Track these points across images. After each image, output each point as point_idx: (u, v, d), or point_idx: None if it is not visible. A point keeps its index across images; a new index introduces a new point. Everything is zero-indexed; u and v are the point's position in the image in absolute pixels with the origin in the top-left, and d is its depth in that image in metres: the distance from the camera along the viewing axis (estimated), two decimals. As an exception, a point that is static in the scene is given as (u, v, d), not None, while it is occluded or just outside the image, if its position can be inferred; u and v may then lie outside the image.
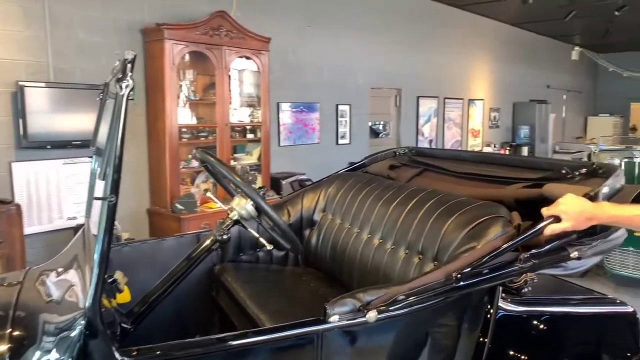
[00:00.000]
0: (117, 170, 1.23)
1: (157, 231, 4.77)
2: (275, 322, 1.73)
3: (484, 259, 1.55)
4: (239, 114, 5.27)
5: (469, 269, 1.53)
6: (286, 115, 6.04)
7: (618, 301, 2.25)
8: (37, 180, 4.06)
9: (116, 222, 4.28)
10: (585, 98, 14.42)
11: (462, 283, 1.51)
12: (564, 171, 1.96)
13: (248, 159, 5.42)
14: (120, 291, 1.62)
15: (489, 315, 1.78)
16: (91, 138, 2.01)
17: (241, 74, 5.30)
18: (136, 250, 2.19)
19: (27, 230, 3.85)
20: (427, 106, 8.41)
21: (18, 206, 3.70)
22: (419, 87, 8.13)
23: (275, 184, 5.46)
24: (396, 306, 1.45)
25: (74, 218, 4.26)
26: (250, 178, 5.20)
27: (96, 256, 1.23)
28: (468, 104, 9.39)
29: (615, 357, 2.20)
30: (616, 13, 8.22)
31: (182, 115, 4.64)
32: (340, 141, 6.80)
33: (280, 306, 1.94)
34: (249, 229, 1.86)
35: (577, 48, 12.67)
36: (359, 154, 6.93)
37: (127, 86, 1.17)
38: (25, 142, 3.87)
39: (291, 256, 2.59)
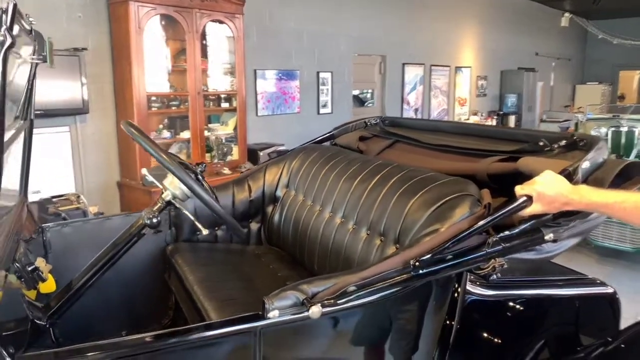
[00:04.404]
0: None
1: (128, 204, 4.60)
2: (220, 312, 1.58)
3: (447, 244, 1.39)
4: (213, 82, 5.03)
5: (429, 255, 1.37)
6: (264, 84, 5.80)
7: (598, 281, 2.13)
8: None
9: (82, 196, 4.13)
10: (573, 66, 14.22)
11: (421, 271, 1.35)
12: (541, 143, 1.79)
13: (223, 129, 5.20)
14: (43, 280, 1.44)
15: (456, 295, 1.63)
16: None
17: (214, 39, 5.03)
18: (77, 230, 2.00)
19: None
20: (413, 74, 8.18)
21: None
22: (405, 54, 7.88)
23: (252, 155, 5.26)
24: (345, 299, 1.29)
25: (38, 192, 4.06)
26: (225, 149, 4.99)
27: None
28: (455, 72, 9.16)
29: (595, 339, 2.08)
30: (607, -23, 7.98)
31: (151, 83, 4.39)
32: (322, 110, 6.58)
33: (230, 293, 1.77)
34: (184, 211, 1.68)
35: (566, 14, 12.36)
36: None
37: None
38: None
39: (253, 234, 2.42)
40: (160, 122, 4.76)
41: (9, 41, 0.88)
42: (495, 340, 1.88)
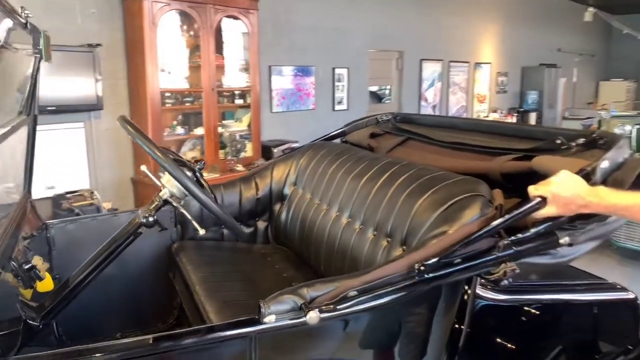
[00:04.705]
0: None
1: (142, 200, 4.60)
2: (221, 314, 1.53)
3: (455, 247, 1.32)
4: (228, 78, 4.99)
5: (435, 259, 1.30)
6: (279, 80, 5.75)
7: (618, 286, 2.03)
8: (9, 148, 3.86)
9: (95, 192, 4.14)
10: (597, 62, 13.88)
11: (426, 276, 1.28)
12: (558, 141, 1.70)
13: (237, 126, 5.17)
14: (40, 279, 1.41)
15: (466, 297, 1.56)
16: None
17: (229, 35, 4.99)
18: (83, 227, 1.98)
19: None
20: (431, 70, 8.06)
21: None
22: (422, 50, 7.76)
23: (266, 152, 5.23)
24: (345, 304, 1.23)
25: (52, 188, 4.08)
26: (239, 146, 4.96)
27: None
28: (474, 68, 9.01)
29: (615, 347, 1.99)
30: (633, -30, 7.75)
31: (165, 79, 4.38)
32: (337, 107, 6.51)
33: (232, 294, 1.72)
34: (182, 210, 1.63)
35: (590, 9, 12.03)
36: (357, 120, 6.67)
37: None
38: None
39: (261, 233, 2.38)
40: (174, 119, 4.75)
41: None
42: (508, 346, 1.80)
